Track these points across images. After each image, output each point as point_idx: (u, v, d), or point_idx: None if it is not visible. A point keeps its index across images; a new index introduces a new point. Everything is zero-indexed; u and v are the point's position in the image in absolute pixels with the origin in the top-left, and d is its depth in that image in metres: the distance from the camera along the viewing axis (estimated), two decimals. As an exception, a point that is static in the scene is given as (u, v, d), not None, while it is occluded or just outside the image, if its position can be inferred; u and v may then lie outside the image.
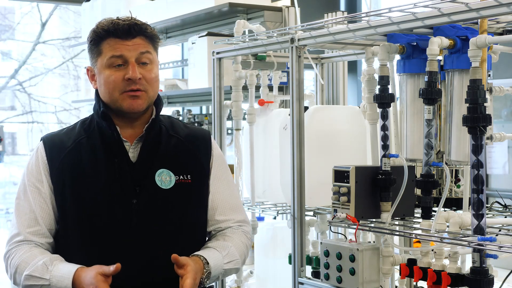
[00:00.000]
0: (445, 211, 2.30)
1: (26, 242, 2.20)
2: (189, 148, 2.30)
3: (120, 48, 2.17)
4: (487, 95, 2.12)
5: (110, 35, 2.18)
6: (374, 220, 2.43)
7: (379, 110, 2.43)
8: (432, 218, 2.30)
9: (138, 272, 2.15)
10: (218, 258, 2.19)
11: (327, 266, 2.49)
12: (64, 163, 2.22)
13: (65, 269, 2.11)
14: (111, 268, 2.04)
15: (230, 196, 2.34)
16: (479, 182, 2.09)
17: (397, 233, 2.39)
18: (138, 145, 2.24)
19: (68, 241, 2.21)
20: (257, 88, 3.29)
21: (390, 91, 2.42)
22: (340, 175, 2.42)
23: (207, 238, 2.34)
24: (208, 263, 2.15)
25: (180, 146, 2.29)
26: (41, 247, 2.21)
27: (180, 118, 4.75)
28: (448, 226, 2.25)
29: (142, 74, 2.18)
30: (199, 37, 4.18)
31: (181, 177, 2.25)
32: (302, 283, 2.67)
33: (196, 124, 4.64)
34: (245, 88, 3.23)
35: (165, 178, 2.23)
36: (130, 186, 2.20)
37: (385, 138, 2.40)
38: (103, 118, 2.22)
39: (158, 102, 2.29)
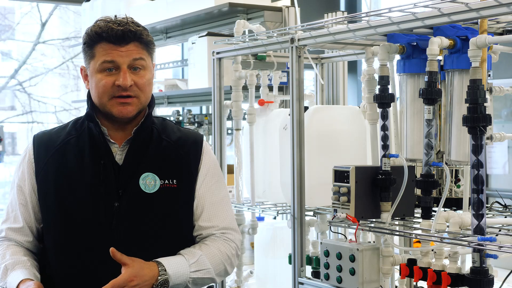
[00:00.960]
0: (445, 211, 2.30)
1: (6, 239, 2.24)
2: (178, 152, 2.25)
3: (113, 54, 2.14)
4: (487, 95, 2.12)
5: (103, 40, 2.14)
6: (374, 220, 2.43)
7: (379, 110, 2.43)
8: (432, 218, 2.30)
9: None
10: (183, 266, 2.12)
11: (327, 266, 2.48)
12: (50, 162, 2.21)
13: (14, 278, 2.10)
14: None
15: (217, 202, 2.27)
16: (479, 182, 2.09)
17: (397, 233, 2.39)
18: (126, 147, 2.21)
19: (49, 241, 2.21)
20: (257, 88, 3.29)
21: (390, 91, 2.42)
22: (340, 175, 2.42)
23: None
24: (165, 270, 2.08)
25: (169, 149, 2.24)
26: (20, 245, 2.23)
27: (180, 118, 4.74)
28: (448, 226, 2.25)
29: (134, 80, 2.15)
30: (199, 37, 4.18)
31: (166, 181, 2.20)
32: (302, 283, 2.66)
33: (196, 124, 4.63)
34: (245, 88, 3.22)
35: (149, 182, 2.19)
36: (114, 189, 2.17)
37: (385, 138, 2.40)
38: (88, 119, 2.21)
39: (150, 104, 2.25)
